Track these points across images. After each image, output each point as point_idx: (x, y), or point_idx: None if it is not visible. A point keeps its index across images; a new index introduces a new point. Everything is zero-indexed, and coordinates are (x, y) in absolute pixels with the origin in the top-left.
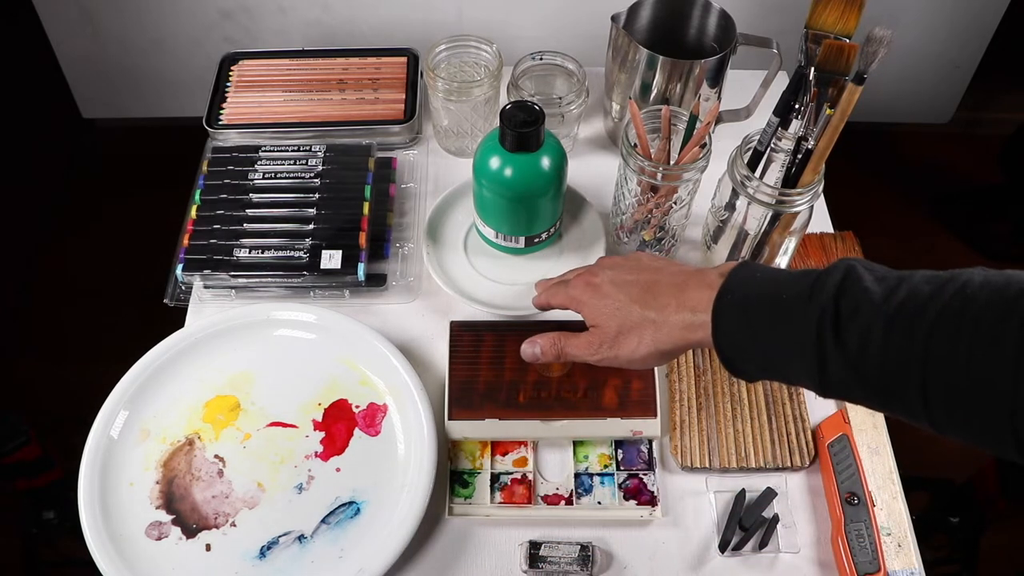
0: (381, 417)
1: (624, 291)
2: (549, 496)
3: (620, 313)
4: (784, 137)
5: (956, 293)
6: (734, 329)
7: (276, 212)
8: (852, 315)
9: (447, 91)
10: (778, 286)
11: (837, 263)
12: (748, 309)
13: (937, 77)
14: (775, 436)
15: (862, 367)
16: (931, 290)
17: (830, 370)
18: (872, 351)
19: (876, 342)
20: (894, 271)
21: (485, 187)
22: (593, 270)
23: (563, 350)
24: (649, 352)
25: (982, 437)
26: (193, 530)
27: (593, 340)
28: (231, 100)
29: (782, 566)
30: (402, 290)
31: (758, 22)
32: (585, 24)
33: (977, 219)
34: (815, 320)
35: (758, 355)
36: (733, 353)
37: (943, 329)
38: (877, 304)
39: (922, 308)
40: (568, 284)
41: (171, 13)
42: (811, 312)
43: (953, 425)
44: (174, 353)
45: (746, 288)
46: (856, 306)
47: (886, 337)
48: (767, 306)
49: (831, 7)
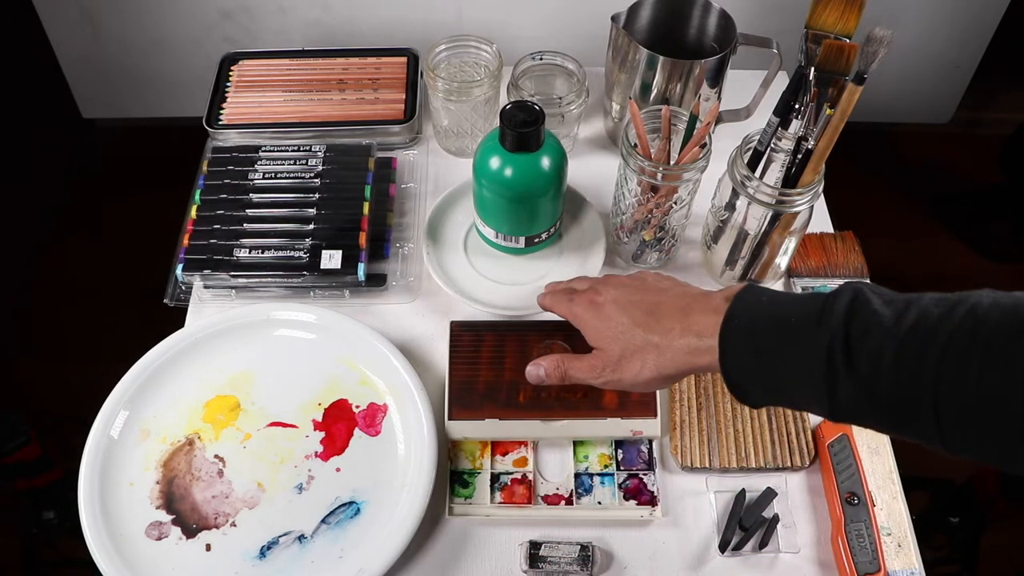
0: (381, 417)
1: (627, 313)
2: (549, 496)
3: (623, 337)
4: (784, 137)
5: (966, 315)
6: (741, 353)
7: (276, 212)
8: (862, 338)
9: (447, 91)
10: (786, 309)
11: (844, 287)
12: (756, 333)
13: (937, 77)
14: (775, 436)
15: (873, 390)
16: (940, 312)
17: (840, 394)
18: (883, 373)
19: (887, 364)
20: (901, 294)
21: (485, 187)
22: (597, 289)
23: (567, 373)
24: (652, 377)
25: (995, 456)
26: (193, 530)
27: (596, 364)
28: (231, 100)
29: (782, 566)
30: (402, 290)
31: (758, 22)
32: (585, 24)
33: (977, 219)
34: (825, 344)
35: (766, 380)
36: (740, 378)
37: (954, 351)
38: (887, 327)
39: (932, 330)
40: (572, 300)
41: (171, 13)
42: (820, 336)
43: (966, 446)
44: (174, 353)
45: (753, 312)
46: (866, 329)
47: (897, 360)
48: (775, 330)
49: (831, 7)
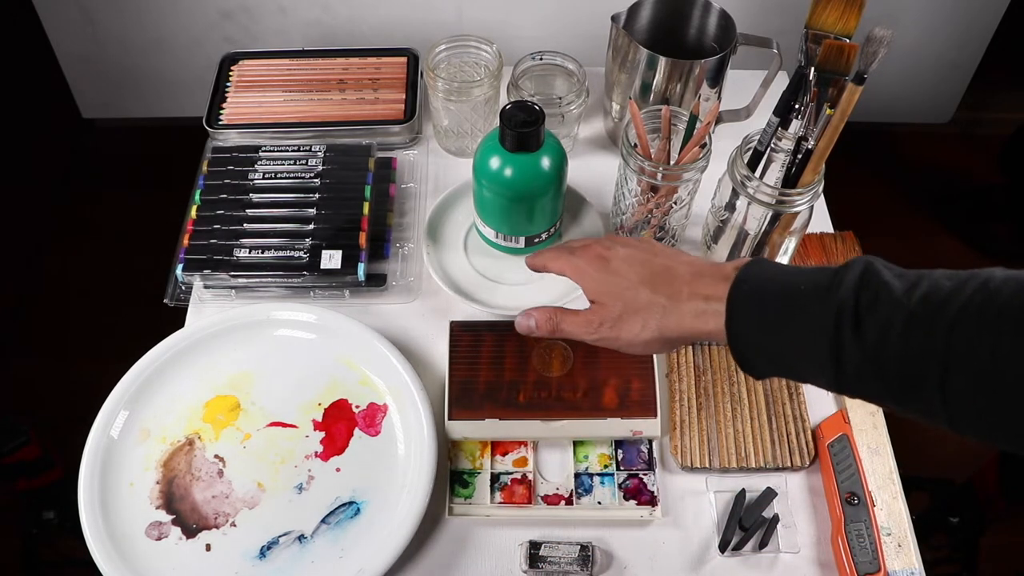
0: (381, 417)
1: (635, 271)
2: (549, 496)
3: (628, 293)
4: (784, 137)
5: (978, 288)
6: (748, 319)
7: (276, 212)
8: (871, 307)
9: (447, 91)
10: (796, 278)
11: (856, 259)
12: (764, 299)
13: (937, 77)
14: (775, 436)
15: (880, 360)
16: (952, 286)
17: (846, 363)
18: (891, 343)
19: (896, 334)
20: (912, 269)
21: (485, 187)
22: (604, 243)
23: (559, 326)
24: (652, 338)
25: (1000, 433)
26: (193, 530)
27: (593, 319)
28: (231, 100)
29: (782, 566)
30: (402, 290)
31: (758, 22)
32: (585, 24)
33: (977, 219)
34: (834, 311)
35: (772, 347)
36: (745, 345)
37: (965, 323)
38: (897, 297)
39: (944, 302)
40: (573, 252)
41: (171, 13)
42: (830, 303)
43: (971, 421)
44: (174, 353)
45: (762, 279)
46: (876, 298)
47: (906, 330)
48: (784, 297)
49: (831, 7)
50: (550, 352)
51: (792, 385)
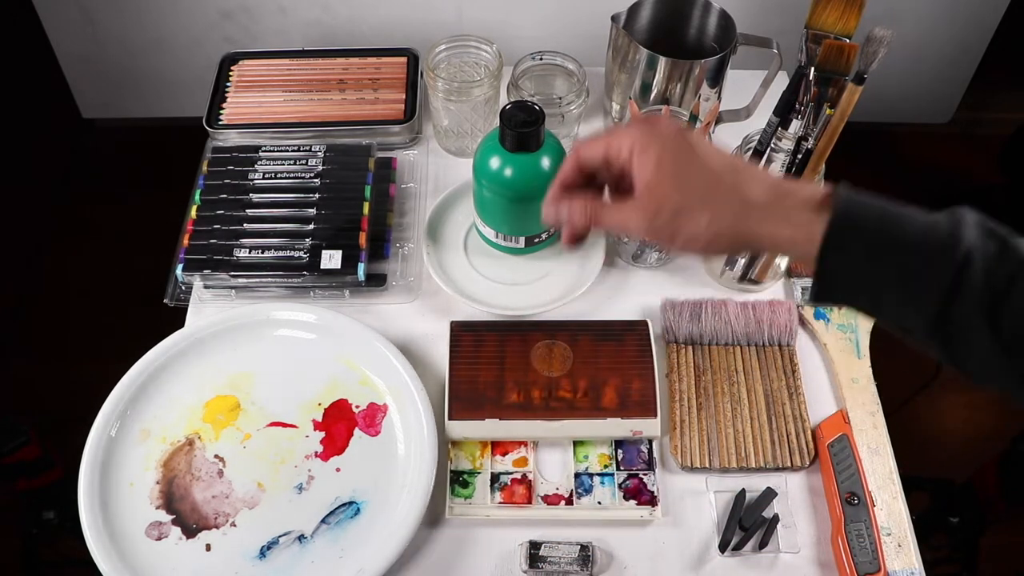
0: (381, 417)
1: (710, 158)
2: (549, 496)
3: (700, 177)
4: (784, 137)
5: None
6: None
7: (276, 212)
8: (1000, 256)
9: (447, 91)
10: (905, 208)
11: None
12: (885, 215)
13: (937, 77)
14: (775, 436)
15: (999, 313)
16: None
17: (957, 306)
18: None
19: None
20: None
21: (485, 187)
22: (665, 121)
23: (600, 218)
24: (717, 235)
25: None
26: (193, 530)
27: (649, 206)
28: (231, 100)
29: (782, 566)
30: (402, 290)
31: (758, 22)
32: (585, 24)
33: None
34: (963, 249)
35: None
36: (836, 265)
37: None
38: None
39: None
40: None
41: (171, 13)
42: (958, 239)
43: None
44: (174, 353)
45: (872, 200)
46: (1003, 247)
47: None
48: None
49: (831, 7)
50: (550, 352)
51: (792, 385)
